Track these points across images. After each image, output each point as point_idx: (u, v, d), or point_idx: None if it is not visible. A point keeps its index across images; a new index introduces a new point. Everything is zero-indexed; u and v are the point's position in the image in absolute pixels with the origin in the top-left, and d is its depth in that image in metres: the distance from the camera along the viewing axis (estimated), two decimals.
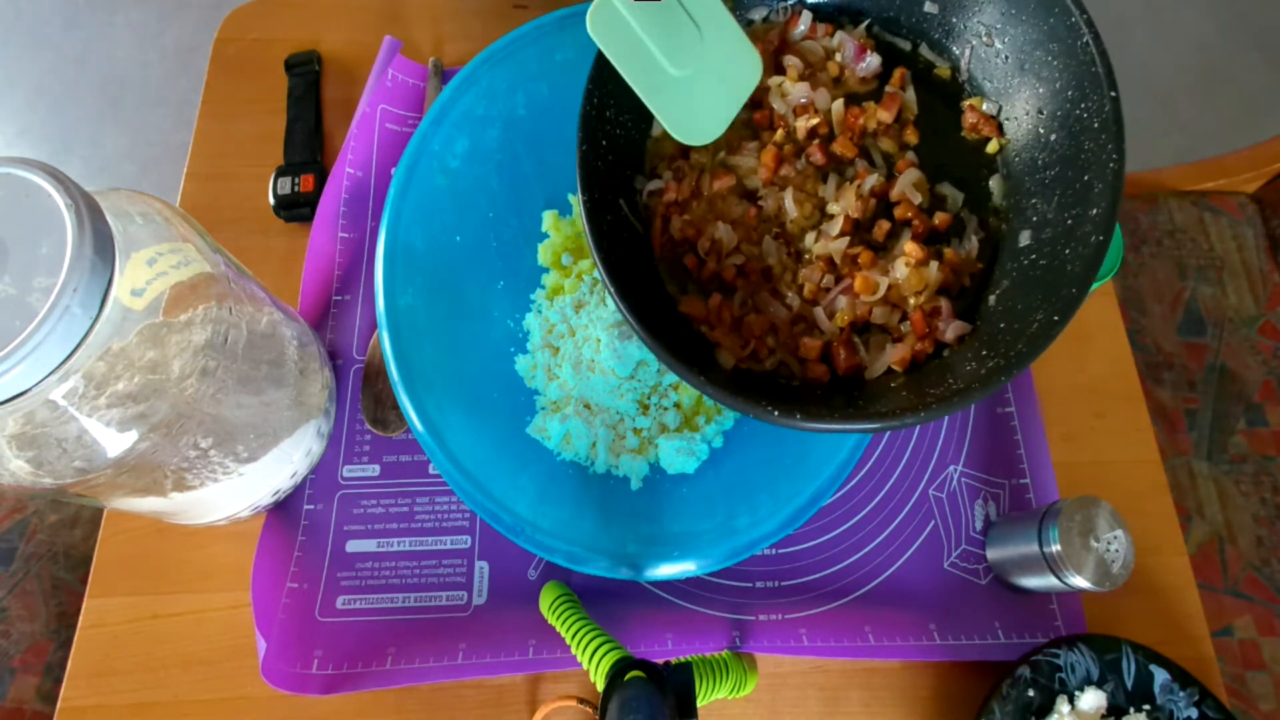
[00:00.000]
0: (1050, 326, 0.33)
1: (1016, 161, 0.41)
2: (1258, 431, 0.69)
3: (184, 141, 0.55)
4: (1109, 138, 0.35)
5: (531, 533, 0.41)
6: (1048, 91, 0.39)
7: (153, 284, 0.31)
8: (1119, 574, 0.38)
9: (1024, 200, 0.39)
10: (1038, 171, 0.39)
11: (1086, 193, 0.35)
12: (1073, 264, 0.34)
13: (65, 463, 0.30)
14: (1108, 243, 0.34)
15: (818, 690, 0.43)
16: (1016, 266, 0.38)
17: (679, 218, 0.42)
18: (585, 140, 0.40)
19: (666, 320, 0.40)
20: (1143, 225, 0.77)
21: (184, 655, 0.43)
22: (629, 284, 0.38)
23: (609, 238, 0.39)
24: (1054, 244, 0.36)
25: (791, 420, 0.34)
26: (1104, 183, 0.35)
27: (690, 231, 0.42)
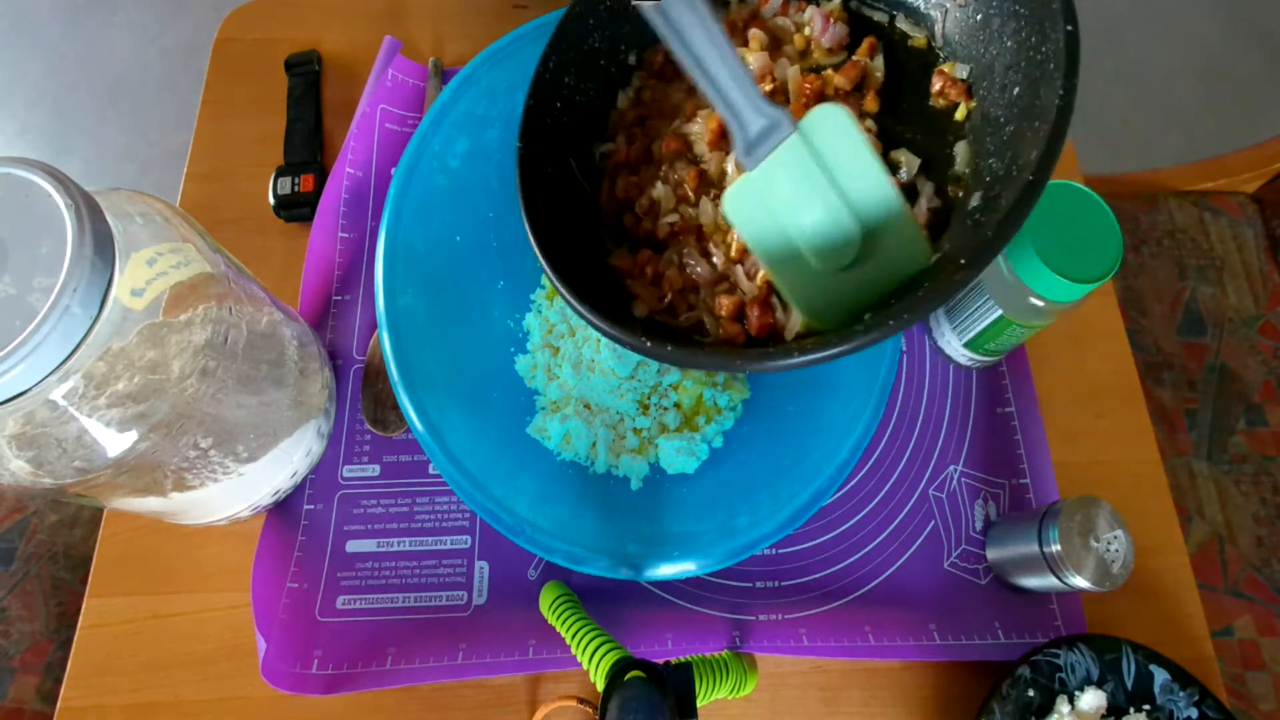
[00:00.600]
0: (958, 272, 0.31)
1: (981, 123, 0.38)
2: (1258, 431, 0.69)
3: (184, 141, 0.55)
4: (1060, 74, 0.33)
5: (531, 533, 0.41)
6: (1014, 44, 0.37)
7: (153, 284, 0.31)
8: (1119, 574, 0.38)
9: (983, 162, 0.37)
10: (999, 129, 0.37)
11: (1033, 138, 0.33)
12: (999, 210, 0.32)
13: (65, 463, 0.30)
14: (1040, 184, 0.31)
15: (818, 690, 0.43)
16: (962, 228, 0.36)
17: (625, 178, 0.43)
18: (533, 96, 0.42)
19: (595, 277, 0.40)
20: (1143, 225, 0.77)
21: (184, 655, 0.43)
22: (553, 231, 0.39)
23: (544, 189, 0.40)
24: (996, 199, 0.34)
25: (691, 357, 0.34)
26: (1047, 122, 0.32)
27: (634, 192, 0.42)
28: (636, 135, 0.44)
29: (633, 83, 0.45)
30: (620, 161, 0.43)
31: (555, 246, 0.39)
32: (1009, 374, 0.50)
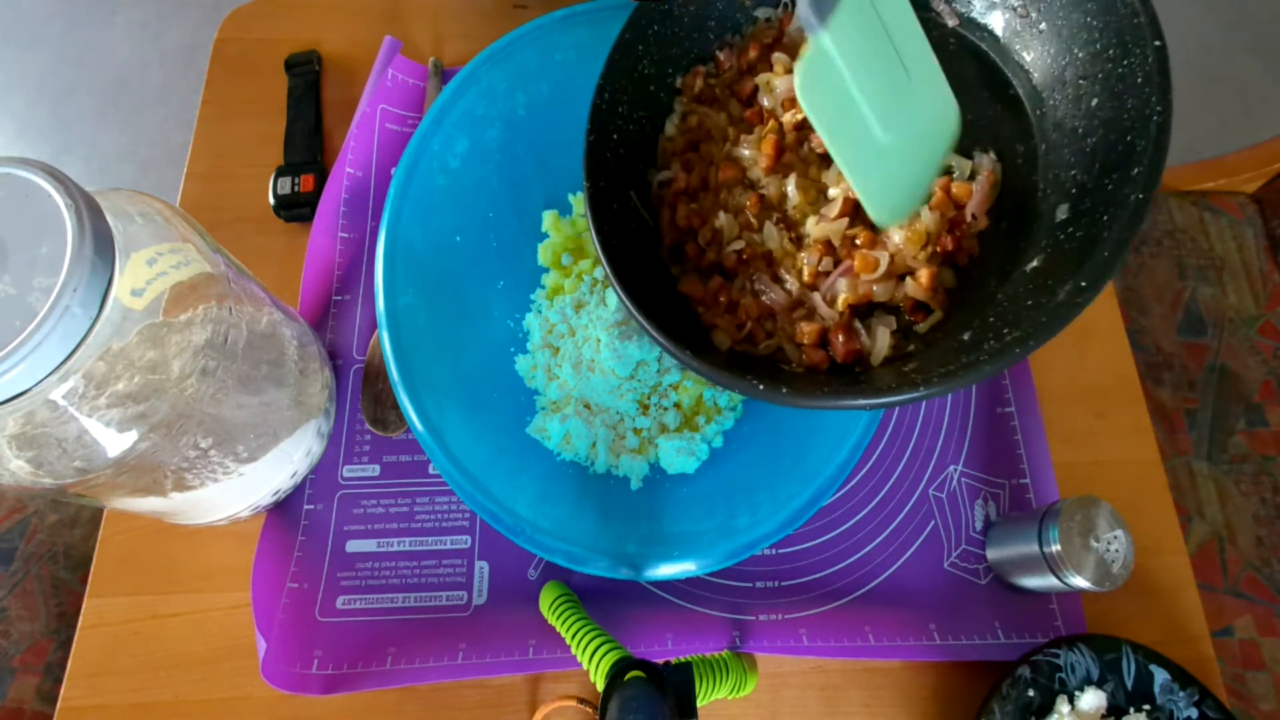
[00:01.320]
0: (1079, 294, 0.31)
1: (1055, 133, 0.38)
2: (1258, 431, 0.69)
3: (184, 141, 0.55)
4: (1152, 91, 0.33)
5: (531, 533, 0.41)
6: (1087, 55, 0.37)
7: (153, 284, 0.31)
8: (1119, 574, 0.38)
9: (1063, 172, 0.37)
10: (1078, 140, 0.37)
11: (1129, 153, 0.33)
12: (1109, 229, 0.32)
13: (65, 463, 0.30)
14: (1148, 202, 0.32)
15: (818, 690, 0.43)
16: (1051, 241, 0.36)
17: (685, 206, 0.42)
18: (594, 130, 0.41)
19: (665, 307, 0.40)
20: (1143, 225, 0.77)
21: (184, 655, 0.43)
22: (626, 267, 0.39)
23: (611, 224, 0.40)
24: (1093, 212, 0.34)
25: (777, 395, 0.33)
26: (1146, 139, 0.33)
27: (695, 220, 0.42)
28: (693, 162, 0.43)
29: (676, 108, 0.45)
30: (679, 190, 0.43)
31: (633, 283, 0.38)
32: (1009, 374, 0.50)
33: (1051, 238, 0.36)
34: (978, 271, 0.38)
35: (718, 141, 0.43)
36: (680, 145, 0.44)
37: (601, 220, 0.39)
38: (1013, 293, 0.36)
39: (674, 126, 0.45)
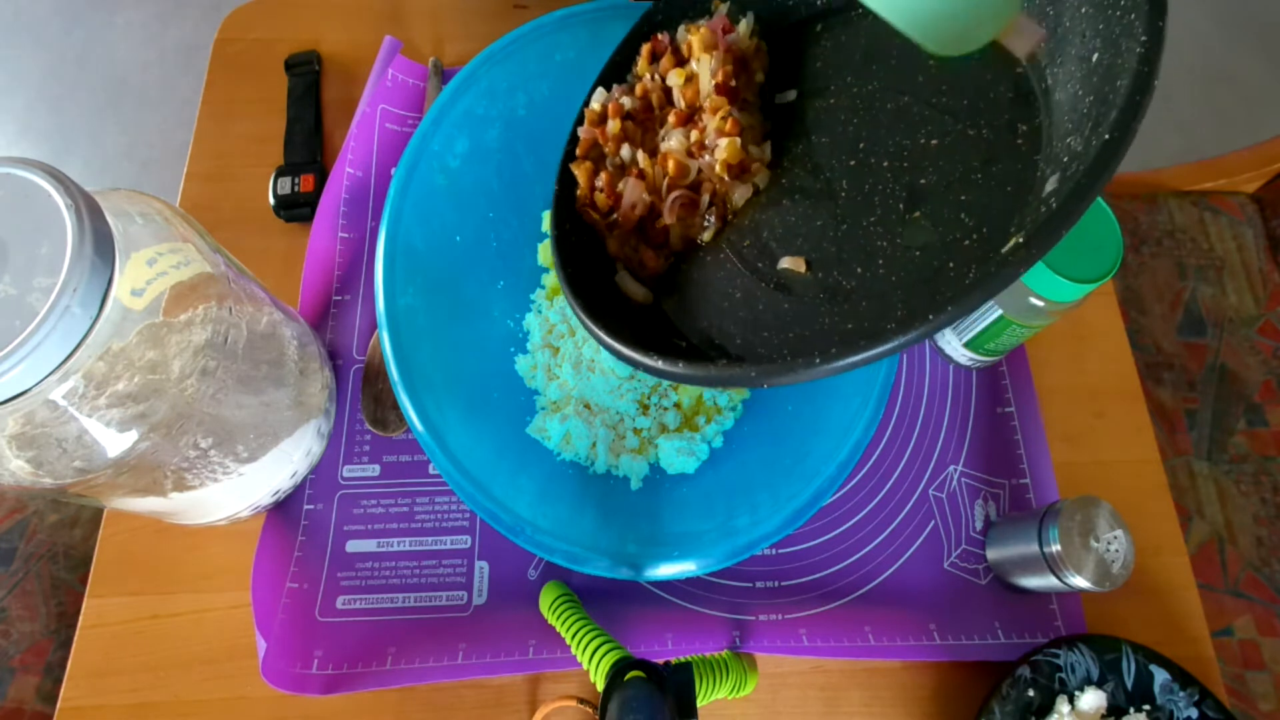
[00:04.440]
0: (1015, 252, 0.28)
1: (1060, 99, 0.35)
2: (1258, 431, 0.69)
3: (184, 141, 0.55)
4: (1143, 21, 0.29)
5: (531, 533, 0.41)
6: (1091, 8, 0.33)
7: (153, 284, 0.31)
8: (1119, 574, 0.38)
9: (1059, 143, 0.33)
10: (1076, 104, 0.33)
11: (1113, 99, 0.30)
12: (1072, 180, 0.29)
13: (65, 463, 0.30)
14: (1116, 148, 0.27)
15: (818, 690, 0.43)
16: (1033, 215, 0.32)
17: (600, 195, 0.43)
18: (560, 181, 0.43)
19: (614, 306, 0.41)
20: (1143, 225, 0.77)
21: (184, 655, 0.43)
22: (579, 269, 0.41)
23: (569, 244, 0.42)
24: (1071, 177, 0.30)
25: (673, 371, 0.33)
26: (1127, 75, 0.29)
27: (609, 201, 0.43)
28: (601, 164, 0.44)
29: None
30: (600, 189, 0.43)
31: (581, 279, 0.40)
32: (1009, 374, 0.50)
33: (1033, 212, 0.33)
34: (953, 263, 0.34)
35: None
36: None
37: (562, 241, 0.41)
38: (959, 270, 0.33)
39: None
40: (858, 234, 0.38)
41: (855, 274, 0.36)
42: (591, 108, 0.43)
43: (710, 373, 0.33)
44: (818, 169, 0.41)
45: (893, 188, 0.38)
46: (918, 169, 0.37)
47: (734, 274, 0.40)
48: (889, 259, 0.36)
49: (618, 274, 0.42)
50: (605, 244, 0.43)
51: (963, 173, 0.36)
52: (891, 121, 0.40)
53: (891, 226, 0.37)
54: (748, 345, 0.37)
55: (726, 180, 0.41)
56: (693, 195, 0.41)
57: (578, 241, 0.42)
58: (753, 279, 0.39)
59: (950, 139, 0.37)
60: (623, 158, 0.43)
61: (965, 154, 0.37)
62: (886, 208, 0.37)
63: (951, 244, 0.34)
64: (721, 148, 0.40)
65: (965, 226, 0.34)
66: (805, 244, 0.39)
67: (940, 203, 0.36)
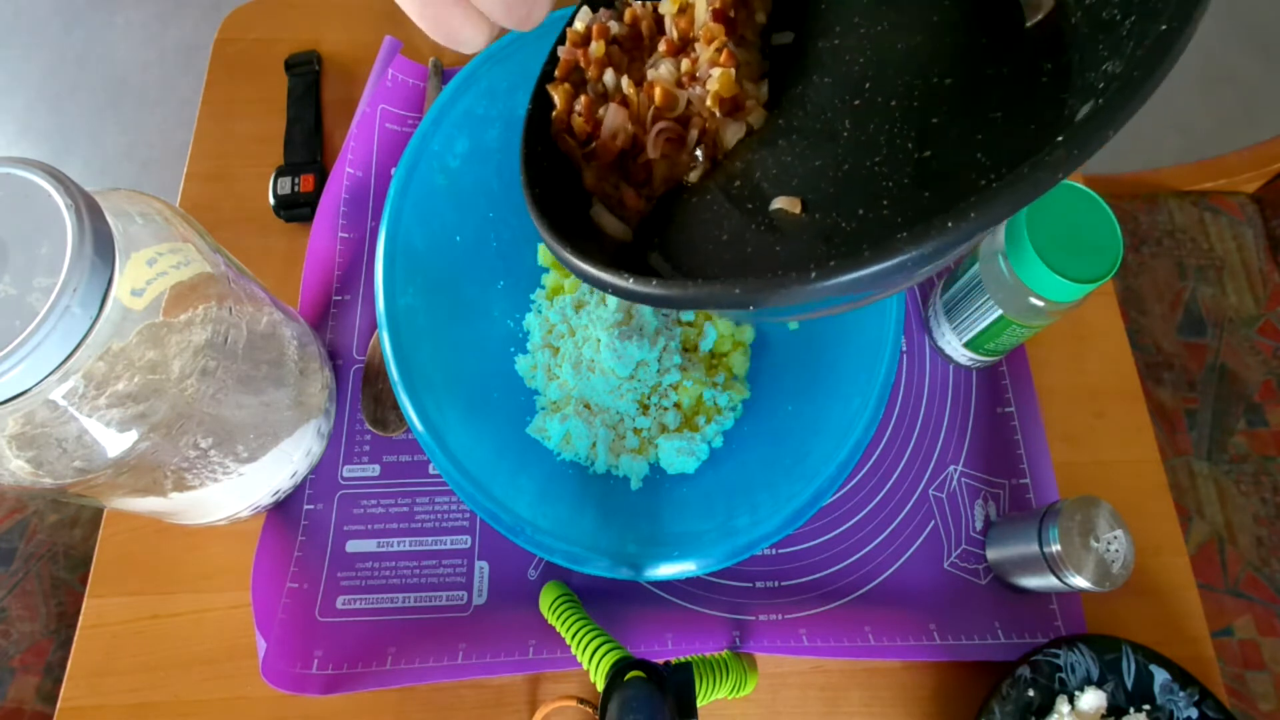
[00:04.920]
0: (1055, 150, 0.24)
1: (1088, 34, 0.31)
2: (1258, 431, 0.69)
3: (184, 141, 0.55)
4: None
5: (531, 533, 0.41)
6: None
7: (153, 284, 0.31)
8: (1119, 574, 0.38)
9: (1093, 71, 0.30)
10: (1112, 31, 0.30)
11: (1157, 9, 0.26)
12: (1117, 83, 0.25)
13: (65, 463, 0.30)
14: (1176, 40, 0.23)
15: (818, 690, 0.43)
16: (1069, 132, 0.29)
17: (579, 120, 0.40)
18: (534, 100, 0.40)
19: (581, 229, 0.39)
20: (1143, 225, 0.77)
21: (184, 655, 0.43)
22: (548, 193, 0.38)
23: (539, 168, 0.39)
24: (1110, 92, 0.27)
25: (648, 291, 0.30)
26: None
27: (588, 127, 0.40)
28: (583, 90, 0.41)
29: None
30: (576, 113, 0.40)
31: (547, 199, 0.37)
32: (1009, 374, 0.50)
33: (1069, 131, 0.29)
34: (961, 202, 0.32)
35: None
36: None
37: (531, 164, 0.38)
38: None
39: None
40: (860, 174, 0.35)
41: (856, 215, 0.33)
42: (574, 28, 0.41)
43: (688, 291, 0.29)
44: (818, 110, 0.38)
45: (901, 127, 0.35)
46: (929, 109, 0.35)
47: (720, 215, 0.37)
48: (894, 200, 0.33)
49: (593, 208, 0.39)
50: (581, 176, 0.40)
51: (979, 112, 0.33)
52: (901, 61, 0.37)
53: (898, 167, 0.34)
54: None
55: (718, 116, 0.38)
56: (679, 129, 0.38)
57: (550, 168, 0.39)
58: (742, 220, 0.37)
59: (967, 78, 0.35)
60: (605, 84, 0.40)
61: (982, 93, 0.34)
62: (893, 147, 0.34)
63: (965, 184, 0.31)
64: (714, 79, 0.37)
65: (981, 166, 0.31)
66: (801, 185, 0.36)
67: (953, 142, 0.33)
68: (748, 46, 0.40)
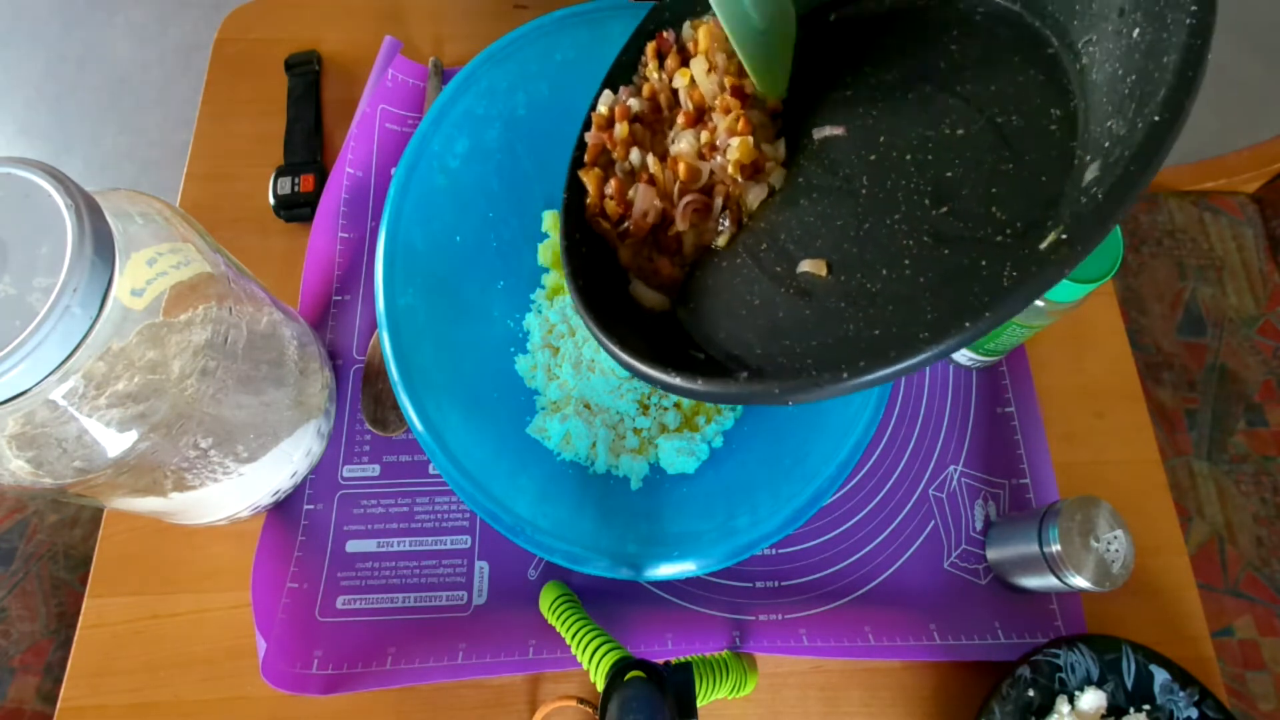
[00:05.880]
0: (1055, 249, 0.26)
1: (1098, 81, 0.32)
2: (1258, 431, 0.69)
3: (184, 141, 0.55)
4: None
5: (531, 533, 0.41)
6: None
7: (153, 284, 0.31)
8: (1119, 574, 0.38)
9: (1098, 126, 0.31)
10: (1117, 84, 0.31)
11: (1160, 76, 0.27)
12: (1120, 166, 0.26)
13: (65, 463, 0.30)
14: (1169, 129, 0.25)
15: (818, 690, 0.43)
16: (1074, 208, 0.30)
17: (610, 203, 0.42)
18: (568, 189, 0.42)
19: (626, 316, 0.40)
20: (1143, 225, 0.77)
21: (184, 655, 0.43)
22: (591, 278, 0.40)
23: (580, 255, 0.41)
24: (1115, 163, 0.28)
25: (693, 388, 0.32)
26: (1175, 51, 0.26)
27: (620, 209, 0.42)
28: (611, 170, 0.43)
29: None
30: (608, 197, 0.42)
31: (593, 290, 0.39)
32: (1009, 374, 0.50)
33: (1074, 204, 0.30)
34: (980, 260, 0.32)
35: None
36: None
37: (572, 251, 0.40)
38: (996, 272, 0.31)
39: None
40: (881, 233, 0.35)
41: (880, 276, 0.34)
42: (599, 111, 0.42)
43: (731, 389, 0.31)
44: (835, 165, 0.39)
45: (916, 183, 0.36)
46: (942, 161, 0.35)
47: (751, 280, 0.38)
48: (915, 259, 0.34)
49: (631, 284, 0.41)
50: (617, 254, 0.41)
51: (992, 163, 0.34)
52: (913, 112, 0.38)
53: (917, 224, 0.34)
54: (768, 355, 0.35)
55: (740, 182, 0.40)
56: (705, 199, 0.40)
57: (589, 252, 0.41)
58: (771, 284, 0.38)
59: (977, 128, 0.35)
60: (632, 163, 0.41)
61: (994, 144, 0.35)
62: (911, 204, 0.35)
63: (983, 240, 0.32)
64: (733, 148, 0.39)
65: (997, 221, 0.32)
66: (825, 245, 0.37)
67: (969, 197, 0.34)
68: (760, 106, 0.41)
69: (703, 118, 0.41)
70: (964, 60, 0.37)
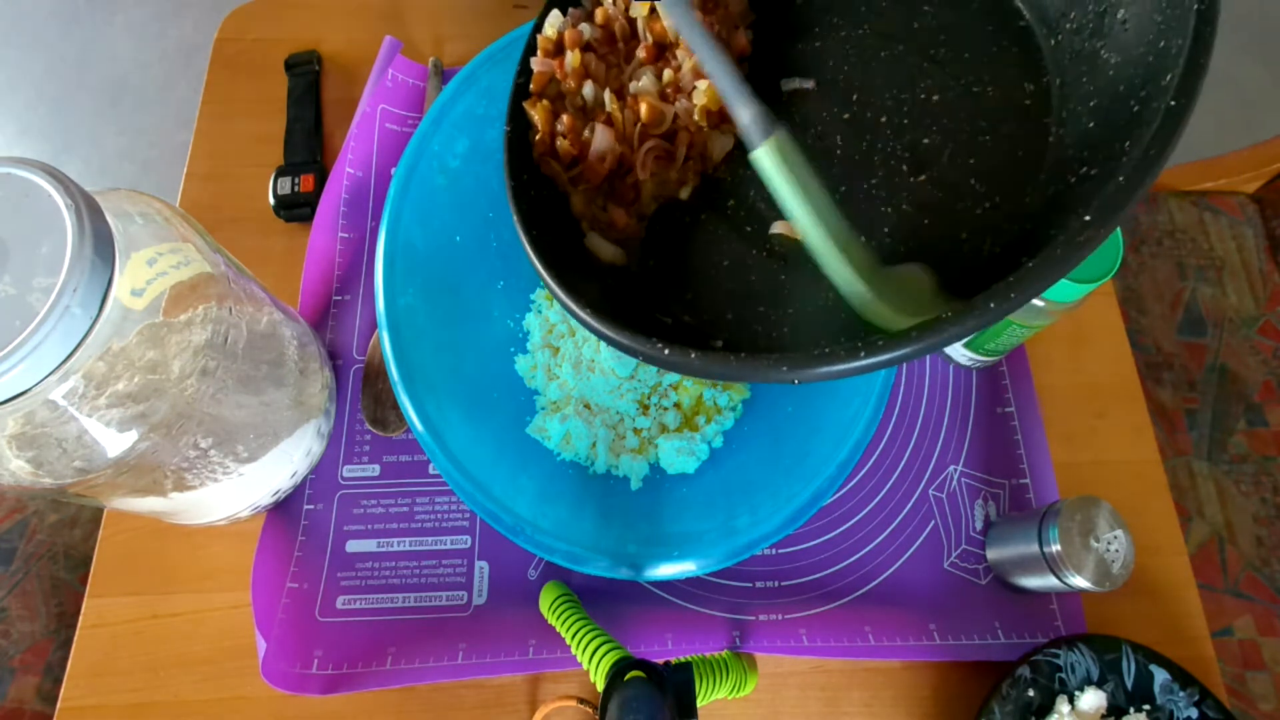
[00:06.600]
0: (1081, 231, 0.25)
1: (1072, 64, 0.32)
2: (1258, 431, 0.69)
3: (184, 141, 0.55)
4: None
5: (531, 533, 0.41)
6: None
7: (153, 284, 0.31)
8: (1119, 574, 0.38)
9: (1080, 105, 0.30)
10: (1099, 65, 0.30)
11: (1162, 61, 0.27)
12: (1128, 153, 0.26)
13: (65, 463, 0.30)
14: (1181, 114, 0.25)
15: (818, 690, 0.43)
16: (1059, 187, 0.30)
17: (564, 142, 0.38)
18: (511, 121, 0.37)
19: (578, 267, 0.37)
20: (1143, 225, 0.77)
21: (184, 655, 0.43)
22: (543, 232, 0.36)
23: (534, 215, 0.37)
24: (1111, 142, 0.28)
25: (683, 361, 0.29)
26: (1183, 36, 0.26)
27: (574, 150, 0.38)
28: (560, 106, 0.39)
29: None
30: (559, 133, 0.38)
31: (547, 244, 0.35)
32: (1009, 374, 0.50)
33: (1060, 182, 0.30)
34: (966, 233, 0.32)
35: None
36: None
37: (522, 205, 0.36)
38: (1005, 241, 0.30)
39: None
40: (859, 197, 0.34)
41: (857, 242, 0.33)
42: (545, 34, 0.38)
43: (730, 365, 0.28)
44: (806, 121, 0.37)
45: (893, 146, 0.35)
46: (919, 126, 0.34)
47: (719, 238, 0.36)
48: (894, 227, 0.33)
49: (586, 235, 0.37)
50: (568, 200, 0.38)
51: (969, 133, 0.33)
52: (886, 71, 0.36)
53: (895, 191, 0.33)
54: (741, 321, 0.34)
55: (705, 129, 0.36)
56: (668, 145, 0.36)
57: (538, 196, 0.37)
58: (741, 245, 0.35)
59: (952, 94, 0.34)
60: (585, 98, 0.37)
61: (970, 113, 0.34)
62: (889, 169, 0.34)
63: (962, 212, 0.32)
64: (700, 91, 0.35)
65: (976, 193, 0.32)
66: None
67: (947, 166, 0.33)
68: (725, 49, 0.38)
69: (664, 54, 0.37)
70: (938, 24, 0.36)
